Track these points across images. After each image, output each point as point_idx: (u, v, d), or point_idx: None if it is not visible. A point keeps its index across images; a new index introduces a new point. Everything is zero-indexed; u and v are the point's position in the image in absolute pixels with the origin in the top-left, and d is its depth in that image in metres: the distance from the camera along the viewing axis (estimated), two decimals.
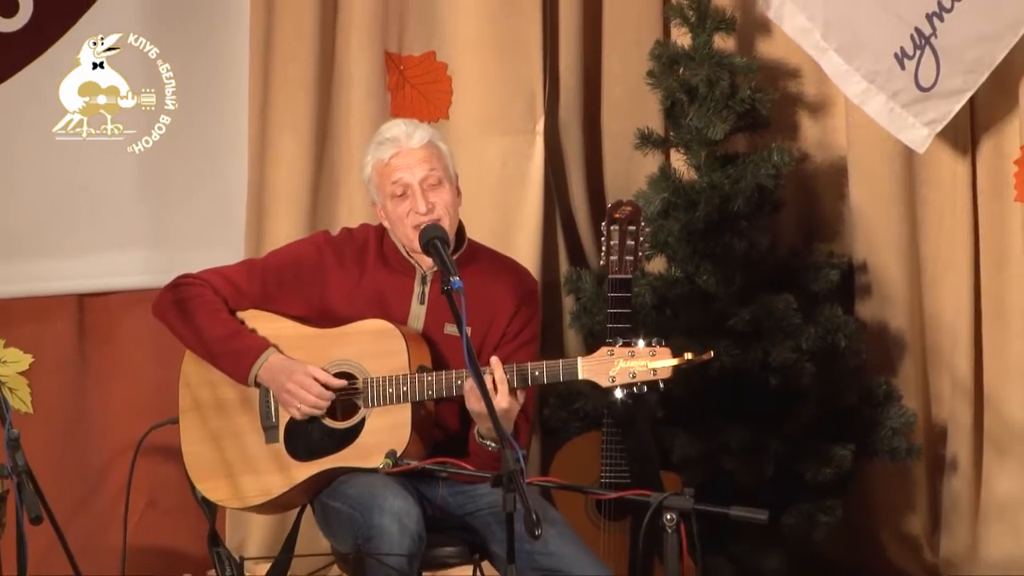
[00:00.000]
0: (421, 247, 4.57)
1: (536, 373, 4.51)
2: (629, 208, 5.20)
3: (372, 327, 4.65)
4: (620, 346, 4.48)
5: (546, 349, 5.76)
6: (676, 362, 4.44)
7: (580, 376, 4.50)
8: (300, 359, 4.65)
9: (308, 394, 4.60)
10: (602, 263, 5.23)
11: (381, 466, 4.41)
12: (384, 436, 4.56)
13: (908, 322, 6.34)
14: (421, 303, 4.72)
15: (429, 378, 4.56)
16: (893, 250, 6.30)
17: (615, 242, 5.14)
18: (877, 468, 6.27)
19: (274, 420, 4.69)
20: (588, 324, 6.13)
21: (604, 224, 5.19)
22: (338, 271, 4.73)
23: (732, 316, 6.00)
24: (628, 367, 4.47)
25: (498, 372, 4.44)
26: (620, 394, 4.52)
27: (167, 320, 4.75)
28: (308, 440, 4.64)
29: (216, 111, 6.18)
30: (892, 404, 6.21)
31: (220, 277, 4.77)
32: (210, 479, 4.72)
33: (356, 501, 4.50)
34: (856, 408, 6.19)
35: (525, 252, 6.15)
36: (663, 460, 5.72)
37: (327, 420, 4.64)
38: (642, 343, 4.47)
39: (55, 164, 5.95)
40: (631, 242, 5.16)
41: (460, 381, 4.52)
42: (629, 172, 6.38)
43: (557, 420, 6.16)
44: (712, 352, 4.48)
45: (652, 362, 4.45)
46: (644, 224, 5.20)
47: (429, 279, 4.72)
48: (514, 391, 4.47)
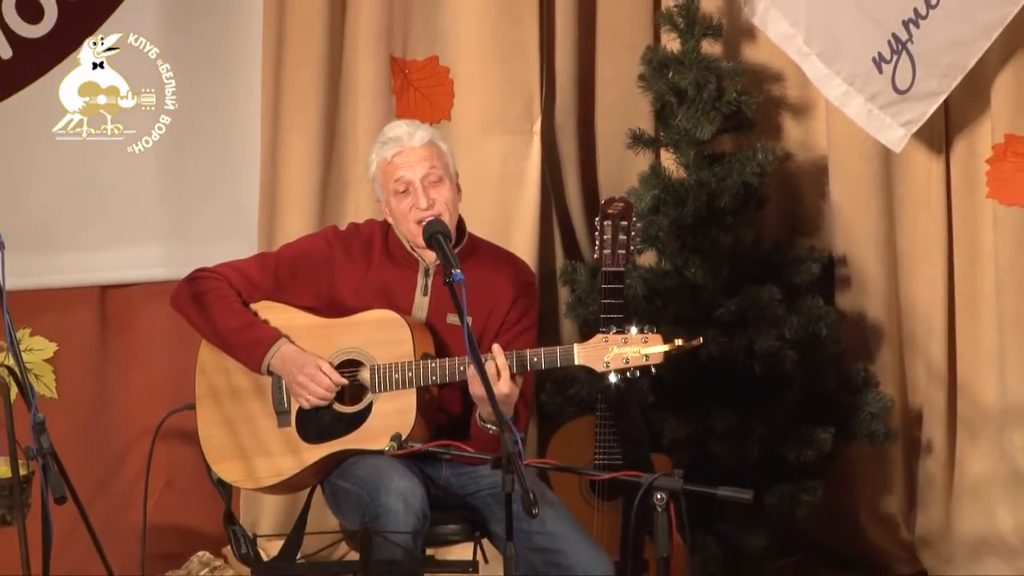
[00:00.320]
0: (424, 241, 4.56)
1: (535, 359, 4.51)
2: (621, 204, 5.19)
3: (378, 317, 4.65)
4: (614, 333, 4.48)
5: (543, 338, 5.74)
6: (667, 348, 4.44)
7: (576, 362, 4.50)
8: (311, 348, 4.65)
9: (317, 387, 4.60)
10: (596, 256, 5.21)
11: (386, 448, 4.41)
12: (390, 420, 4.56)
13: (885, 312, 6.33)
14: (424, 294, 4.72)
15: (433, 365, 4.56)
16: (871, 244, 6.30)
17: (608, 237, 5.13)
18: (856, 451, 6.27)
19: (286, 406, 4.68)
20: (583, 314, 6.13)
21: (598, 220, 5.18)
22: (346, 264, 4.73)
23: (719, 307, 6.00)
24: (622, 353, 4.47)
25: (500, 359, 4.44)
26: (614, 378, 4.51)
27: (184, 312, 4.75)
28: (318, 424, 4.64)
29: (230, 113, 6.17)
30: (870, 390, 6.21)
31: (234, 271, 4.76)
32: (225, 461, 4.72)
33: (364, 481, 4.50)
34: (836, 394, 6.19)
35: (523, 246, 6.15)
36: (654, 443, 5.71)
37: (336, 405, 4.64)
38: (635, 330, 4.47)
39: (77, 163, 5.93)
40: (623, 237, 5.15)
41: (462, 367, 4.52)
42: (621, 170, 6.37)
43: (553, 405, 6.15)
44: (701, 338, 4.48)
45: (644, 348, 4.44)
46: (636, 220, 5.18)
47: (432, 272, 4.71)
48: (514, 376, 4.47)
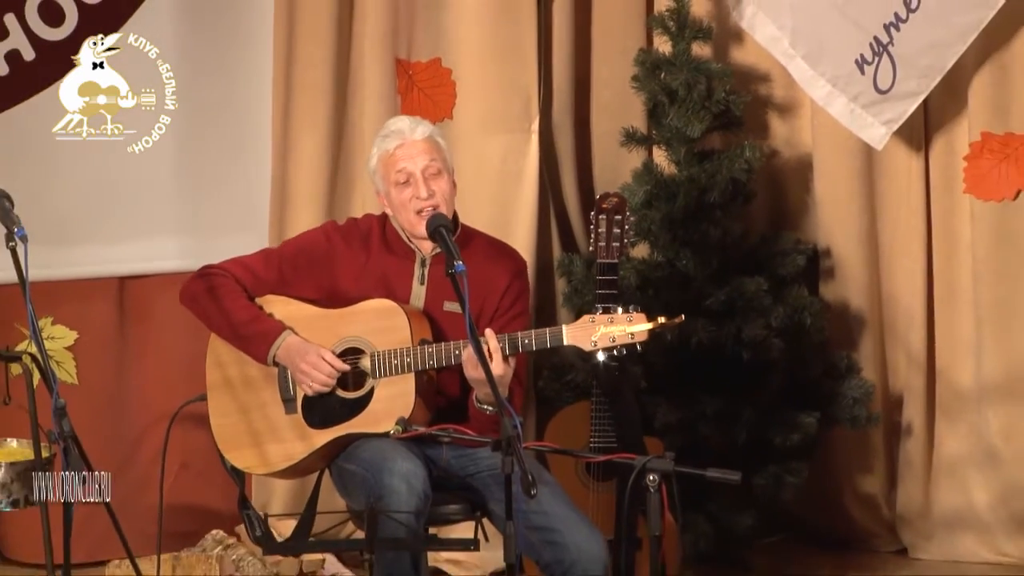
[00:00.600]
0: (428, 234, 4.55)
1: (526, 341, 4.50)
2: (616, 199, 5.18)
3: (377, 306, 4.64)
4: (600, 314, 4.47)
5: (541, 325, 5.72)
6: (650, 326, 4.41)
7: (565, 342, 4.48)
8: (314, 338, 4.64)
9: (319, 373, 4.60)
10: (591, 249, 5.21)
11: (392, 431, 4.41)
12: (391, 403, 4.55)
13: (867, 302, 6.33)
14: (421, 284, 4.71)
15: (430, 350, 4.55)
16: (854, 237, 6.29)
17: (603, 230, 5.12)
18: (839, 434, 6.27)
19: (292, 393, 4.68)
20: (579, 304, 6.12)
21: (593, 214, 5.18)
22: (346, 256, 4.72)
23: (708, 296, 5.99)
24: (608, 332, 4.44)
25: (492, 342, 4.43)
26: (602, 357, 4.50)
27: (193, 307, 4.74)
28: (324, 410, 4.64)
29: (242, 112, 6.16)
30: (853, 376, 6.20)
31: (240, 267, 4.76)
32: (238, 449, 4.71)
33: (368, 464, 4.49)
34: (820, 380, 6.19)
35: (522, 239, 6.14)
36: (646, 427, 5.71)
37: (339, 391, 4.64)
38: (620, 310, 4.45)
39: (96, 159, 5.92)
40: (617, 230, 5.14)
41: (458, 351, 4.51)
42: (616, 167, 6.36)
43: (551, 391, 6.15)
44: (683, 316, 4.43)
45: (629, 327, 4.42)
46: (629, 214, 5.17)
47: (428, 262, 4.70)
48: (506, 358, 4.46)
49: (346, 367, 4.62)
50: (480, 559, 5.95)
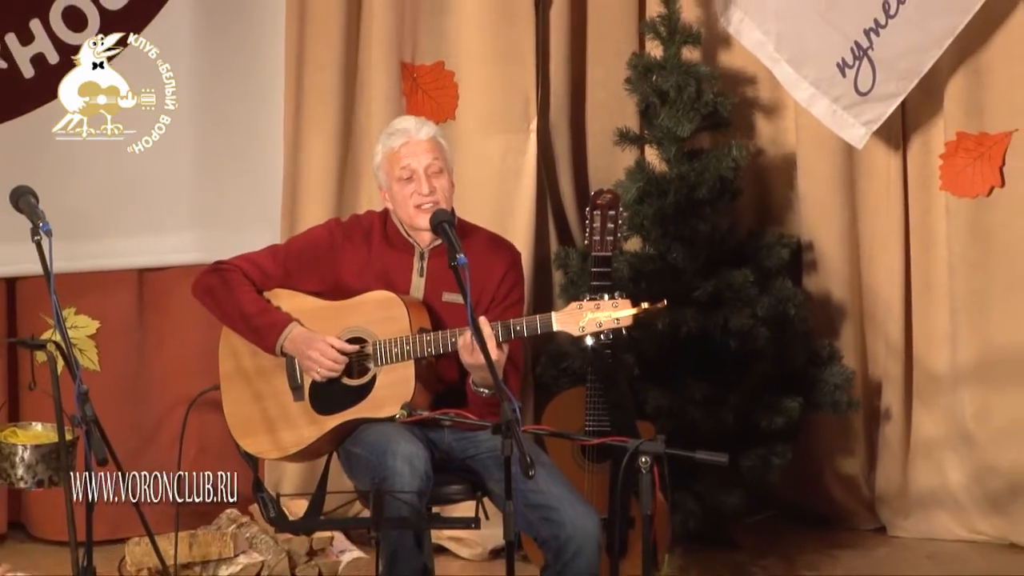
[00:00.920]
0: (432, 228, 4.55)
1: (518, 327, 4.50)
2: (609, 196, 5.18)
3: (377, 298, 4.64)
4: (587, 300, 4.46)
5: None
6: (635, 311, 4.40)
7: (554, 328, 4.48)
8: (319, 329, 4.65)
9: (326, 359, 4.60)
10: (586, 243, 5.21)
11: (397, 416, 4.40)
12: (393, 389, 4.56)
13: (848, 294, 6.33)
14: (420, 276, 4.71)
15: (428, 338, 4.55)
16: (835, 232, 6.29)
17: (597, 225, 5.12)
18: (822, 418, 6.26)
19: (299, 382, 4.68)
20: (574, 295, 6.08)
21: (588, 209, 5.18)
22: (348, 252, 4.73)
23: (697, 288, 5.99)
24: (595, 318, 4.43)
25: (485, 330, 4.42)
26: (590, 341, 4.48)
27: (204, 300, 4.76)
28: (330, 397, 4.64)
29: (256, 113, 6.16)
30: (834, 363, 6.20)
31: (249, 263, 4.77)
32: (250, 435, 4.72)
33: (373, 447, 4.49)
34: (803, 367, 6.18)
35: (520, 233, 6.13)
36: (639, 411, 5.70)
37: (344, 379, 4.64)
38: (607, 296, 4.44)
39: (115, 158, 5.89)
40: (611, 225, 5.15)
41: (454, 339, 4.51)
42: (610, 165, 6.35)
43: (548, 377, 6.14)
44: (665, 301, 4.42)
45: (615, 312, 4.41)
46: (622, 209, 5.19)
47: (427, 255, 4.71)
48: (500, 344, 4.46)
49: (353, 348, 4.62)
50: (480, 536, 5.95)
